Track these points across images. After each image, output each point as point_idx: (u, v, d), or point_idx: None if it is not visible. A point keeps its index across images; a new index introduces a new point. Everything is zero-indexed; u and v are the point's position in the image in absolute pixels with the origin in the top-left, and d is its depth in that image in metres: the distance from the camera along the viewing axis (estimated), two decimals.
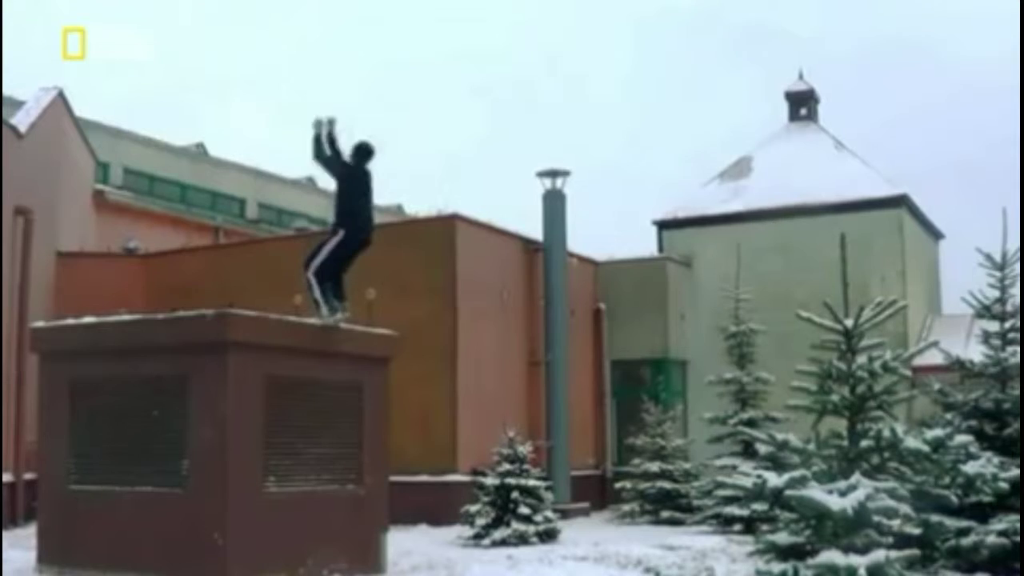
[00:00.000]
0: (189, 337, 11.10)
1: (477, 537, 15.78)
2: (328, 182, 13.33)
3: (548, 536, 15.91)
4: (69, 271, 20.71)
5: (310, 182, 33.85)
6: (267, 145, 58.85)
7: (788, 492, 7.94)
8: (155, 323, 11.48)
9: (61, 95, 21.30)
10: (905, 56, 64.81)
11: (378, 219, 12.96)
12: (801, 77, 29.25)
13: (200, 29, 65.26)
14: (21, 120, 19.62)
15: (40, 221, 18.98)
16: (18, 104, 21.15)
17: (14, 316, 17.95)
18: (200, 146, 31.72)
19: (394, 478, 12.91)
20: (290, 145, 31.00)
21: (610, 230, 35.44)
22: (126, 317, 11.82)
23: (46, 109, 20.54)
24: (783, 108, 29.25)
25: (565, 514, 18.13)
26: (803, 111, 28.99)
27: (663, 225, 26.87)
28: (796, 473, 8.13)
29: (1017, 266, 11.98)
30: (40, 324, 13.17)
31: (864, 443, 8.63)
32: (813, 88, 29.16)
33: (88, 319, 11.97)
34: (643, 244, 26.85)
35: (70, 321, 12.24)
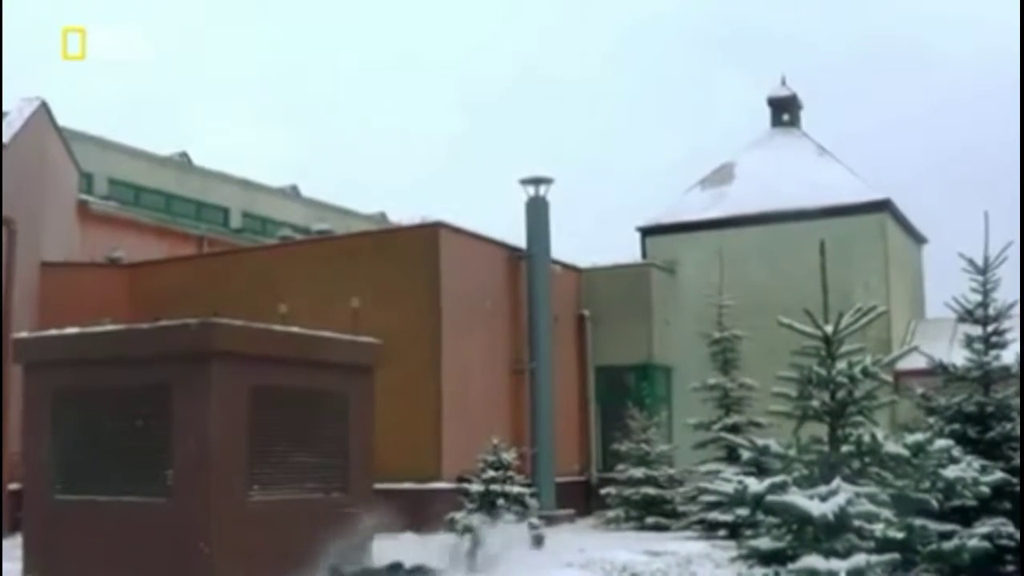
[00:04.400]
0: (173, 347, 11.12)
1: None
2: (313, 190, 13.38)
3: (533, 543, 15.92)
4: (53, 281, 20.67)
5: (294, 191, 33.84)
6: (252, 153, 58.79)
7: (769, 497, 7.96)
8: (139, 333, 11.50)
9: (44, 105, 21.28)
10: (888, 61, 65.12)
11: (362, 227, 13.00)
12: (784, 83, 29.36)
13: (189, 32, 65.19)
14: (3, 131, 19.59)
15: (23, 232, 18.97)
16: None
17: None
18: (184, 155, 31.70)
19: (379, 485, 12.93)
20: (274, 152, 30.97)
21: (593, 235, 35.43)
22: (110, 327, 11.86)
23: (28, 119, 20.53)
24: (766, 114, 29.38)
25: (550, 521, 18.15)
26: (785, 116, 29.07)
27: (646, 231, 26.93)
28: (777, 479, 8.15)
29: (998, 271, 12.05)
30: (23, 335, 13.17)
31: (845, 448, 8.65)
32: (795, 94, 29.25)
33: (72, 329, 11.96)
34: (626, 250, 26.93)
35: (53, 332, 12.23)
